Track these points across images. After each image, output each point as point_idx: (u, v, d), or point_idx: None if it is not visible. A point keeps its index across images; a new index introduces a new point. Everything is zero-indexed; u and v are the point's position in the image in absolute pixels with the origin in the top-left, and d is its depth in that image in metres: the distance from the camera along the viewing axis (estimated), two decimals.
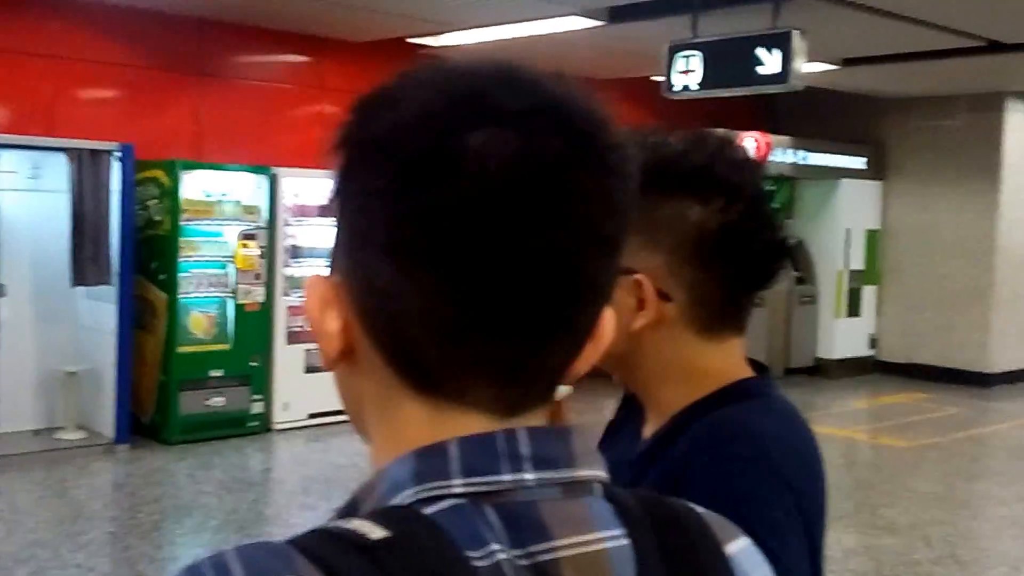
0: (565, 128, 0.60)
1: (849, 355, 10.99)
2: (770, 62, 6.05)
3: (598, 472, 0.62)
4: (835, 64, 8.68)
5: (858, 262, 11.10)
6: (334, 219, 0.63)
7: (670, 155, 1.05)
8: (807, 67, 6.71)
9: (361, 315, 0.61)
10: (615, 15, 7.10)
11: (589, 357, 0.63)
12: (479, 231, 0.57)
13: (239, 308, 7.22)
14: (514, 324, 0.59)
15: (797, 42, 5.99)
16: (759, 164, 1.10)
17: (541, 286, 0.59)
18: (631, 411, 1.16)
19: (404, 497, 0.58)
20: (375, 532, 0.55)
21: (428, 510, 0.57)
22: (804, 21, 6.15)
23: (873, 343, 11.22)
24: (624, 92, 10.21)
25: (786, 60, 6.00)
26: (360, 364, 0.63)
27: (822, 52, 7.87)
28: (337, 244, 0.63)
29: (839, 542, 5.22)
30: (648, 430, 1.10)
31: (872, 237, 11.20)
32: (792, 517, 0.96)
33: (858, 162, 11.10)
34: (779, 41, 6.01)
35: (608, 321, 0.64)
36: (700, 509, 0.69)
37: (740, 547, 0.69)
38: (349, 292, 0.62)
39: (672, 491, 0.92)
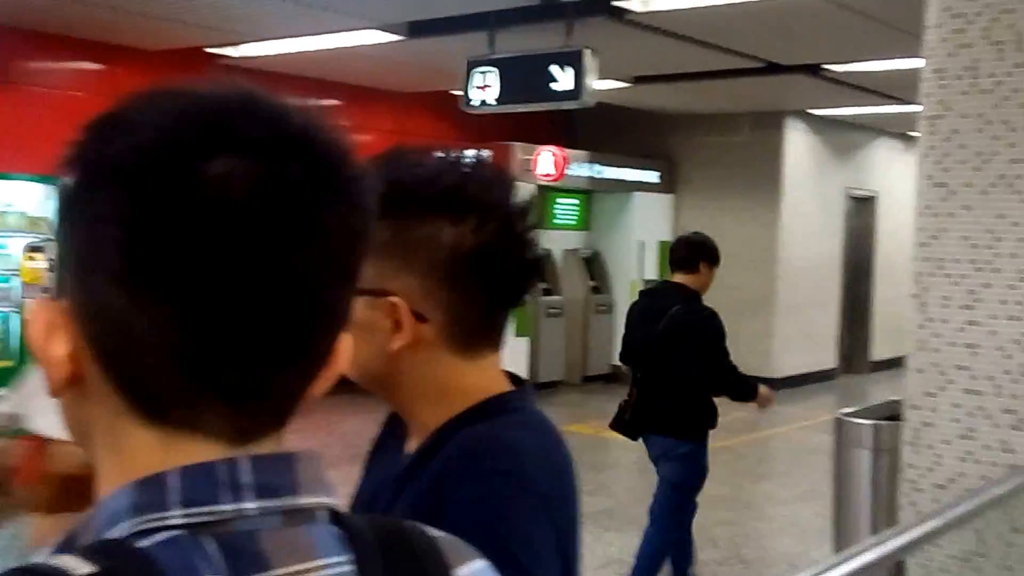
0: (306, 157, 0.59)
1: None
2: (563, 79, 6.28)
3: (323, 499, 0.62)
4: (627, 82, 9.07)
5: (652, 272, 11.61)
6: (60, 241, 0.62)
7: (422, 176, 1.05)
8: (599, 84, 7.00)
9: (90, 341, 0.60)
10: (414, 30, 7.17)
11: (325, 381, 0.64)
12: (217, 260, 0.57)
13: (24, 323, 6.84)
14: (251, 352, 0.59)
15: (588, 60, 6.25)
16: (512, 182, 1.11)
17: (279, 314, 0.59)
18: (396, 428, 1.17)
19: (120, 530, 0.57)
20: (81, 568, 0.54)
21: (143, 543, 0.56)
22: (595, 40, 6.42)
23: None
24: (427, 106, 10.37)
25: (578, 77, 6.24)
26: (88, 391, 0.61)
27: (614, 70, 8.22)
28: (64, 267, 0.61)
29: (629, 545, 5.46)
30: (410, 447, 1.11)
31: (665, 248, 11.68)
32: (544, 529, 1.00)
33: (651, 176, 11.61)
34: (571, 59, 6.25)
35: (345, 345, 0.64)
36: (435, 532, 0.70)
37: (473, 570, 0.69)
38: (77, 317, 0.60)
39: (430, 507, 0.96)
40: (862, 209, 12.17)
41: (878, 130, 11.96)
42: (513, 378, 1.15)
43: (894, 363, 10.78)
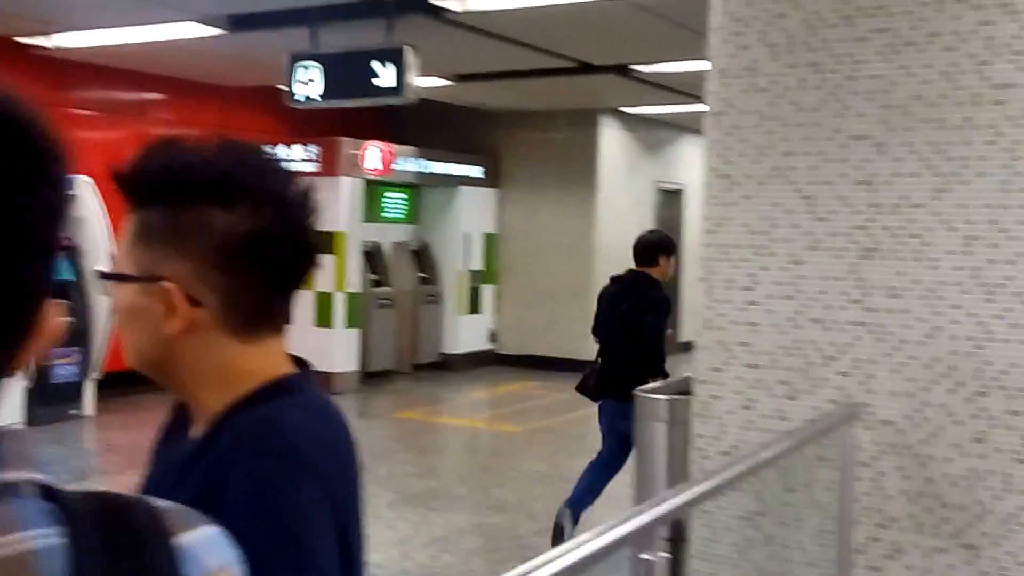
0: (6, 137, 0.62)
1: (472, 349, 11.70)
2: (385, 76, 6.36)
3: (28, 474, 0.63)
4: (449, 79, 9.22)
5: (478, 263, 11.84)
6: None
7: (193, 163, 1.07)
8: (422, 81, 7.11)
9: None
10: (235, 24, 7.07)
11: (28, 355, 0.66)
12: None
13: None
14: None
15: (410, 57, 6.35)
16: (286, 169, 1.13)
17: None
18: (183, 415, 1.18)
19: None
20: None
21: None
22: (416, 38, 6.53)
23: (493, 338, 12.01)
24: (253, 100, 10.22)
25: (400, 74, 6.34)
26: None
27: (436, 68, 8.34)
28: None
29: (453, 523, 5.63)
30: (195, 433, 1.12)
31: (489, 240, 11.99)
32: (321, 507, 1.04)
33: (475, 171, 11.82)
34: (392, 56, 6.34)
35: (52, 315, 0.67)
36: (160, 503, 0.71)
37: (197, 536, 0.70)
38: None
39: (211, 490, 1.00)
40: (670, 201, 12.78)
41: (683, 127, 12.58)
42: (297, 361, 1.17)
43: None
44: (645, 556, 1.96)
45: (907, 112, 2.98)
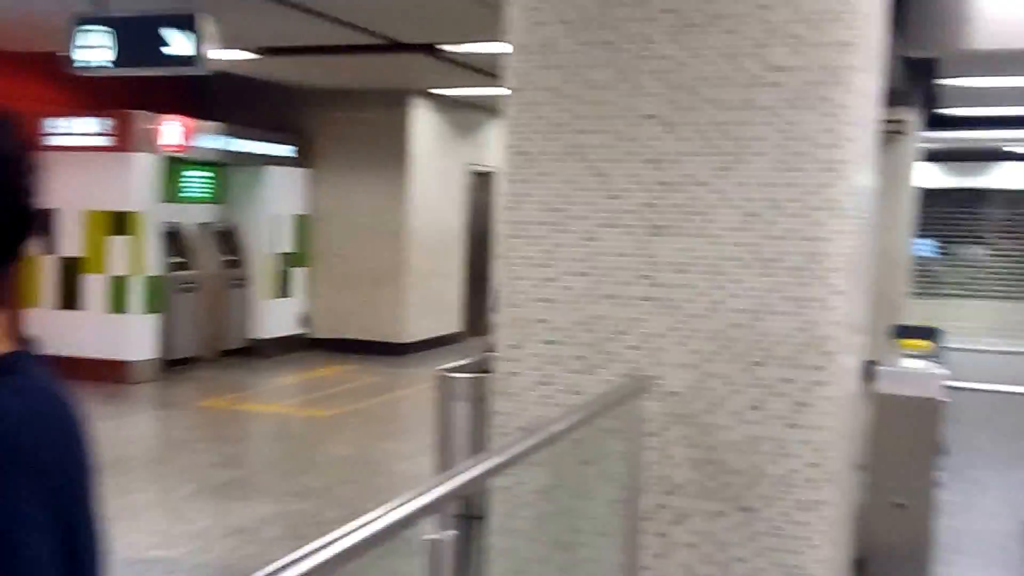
0: None
1: (282, 334, 11.42)
2: (179, 44, 6.06)
3: None
4: (254, 52, 8.91)
5: (288, 246, 11.55)
6: None
7: None
8: (223, 53, 6.82)
9: None
10: None
11: None
12: None
13: None
14: None
15: (204, 26, 6.07)
16: (10, 129, 1.04)
17: None
18: None
19: None
20: None
21: None
22: (212, 6, 6.25)
23: (305, 321, 11.76)
24: (36, 67, 9.54)
25: (195, 43, 6.05)
26: None
27: (240, 39, 8.04)
28: None
29: (255, 513, 5.47)
30: None
31: (301, 222, 11.72)
32: (28, 490, 0.96)
33: (285, 150, 11.52)
34: (186, 23, 6.04)
35: None
36: None
37: None
38: None
39: None
40: (482, 183, 12.87)
41: (494, 110, 12.70)
42: (25, 341, 1.07)
43: None
44: (430, 536, 1.94)
45: (693, 92, 3.07)
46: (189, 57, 6.09)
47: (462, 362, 3.97)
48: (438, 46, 8.50)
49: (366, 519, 1.77)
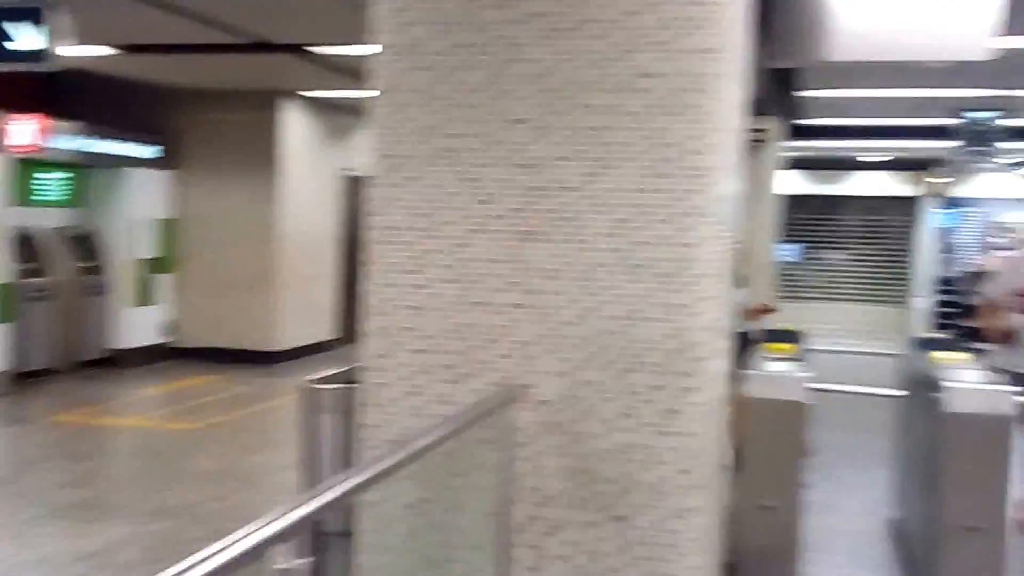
0: None
1: (145, 343, 10.97)
2: (25, 38, 5.72)
3: None
4: (115, 48, 8.53)
5: (152, 251, 11.11)
6: None
7: None
8: (78, 49, 6.49)
9: None
10: None
11: None
12: None
13: None
14: None
15: (53, 19, 5.75)
16: None
17: None
18: None
19: None
20: None
21: None
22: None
23: (171, 330, 11.33)
24: None
25: (42, 38, 5.72)
26: None
27: (96, 34, 7.68)
28: None
29: (110, 535, 5.19)
30: None
31: (166, 226, 11.29)
32: None
33: (150, 151, 11.08)
34: (32, 16, 5.71)
35: None
36: None
37: None
38: None
39: None
40: (356, 188, 12.66)
41: (367, 113, 12.51)
42: None
43: None
44: (281, 566, 1.82)
45: (563, 97, 3.03)
46: (36, 52, 5.76)
47: (329, 372, 3.83)
48: (308, 47, 8.30)
49: (225, 542, 1.66)
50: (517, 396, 3.06)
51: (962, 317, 13.95)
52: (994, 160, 9.53)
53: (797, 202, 14.63)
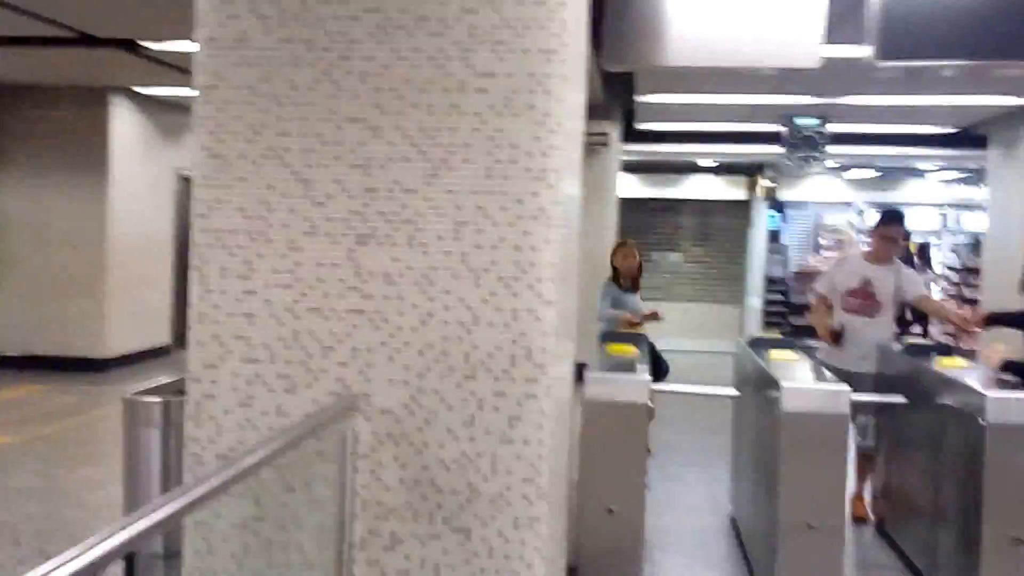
0: None
1: None
2: None
3: None
4: None
5: None
6: None
7: None
8: None
9: None
10: None
11: None
12: None
13: None
14: None
15: None
16: None
17: None
18: None
19: None
20: None
21: None
22: None
23: None
24: None
25: None
26: None
27: None
28: None
29: None
30: None
31: None
32: None
33: None
34: None
35: None
36: None
37: None
38: None
39: None
40: (191, 189, 12.18)
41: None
42: None
43: None
44: None
45: (399, 96, 2.93)
46: None
47: (155, 383, 3.61)
48: (138, 42, 7.89)
49: (48, 567, 1.52)
50: (356, 406, 2.94)
51: (790, 316, 14.57)
52: (820, 164, 9.96)
53: (634, 205, 14.96)
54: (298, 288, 3.01)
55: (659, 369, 6.32)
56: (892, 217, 5.98)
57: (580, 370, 4.01)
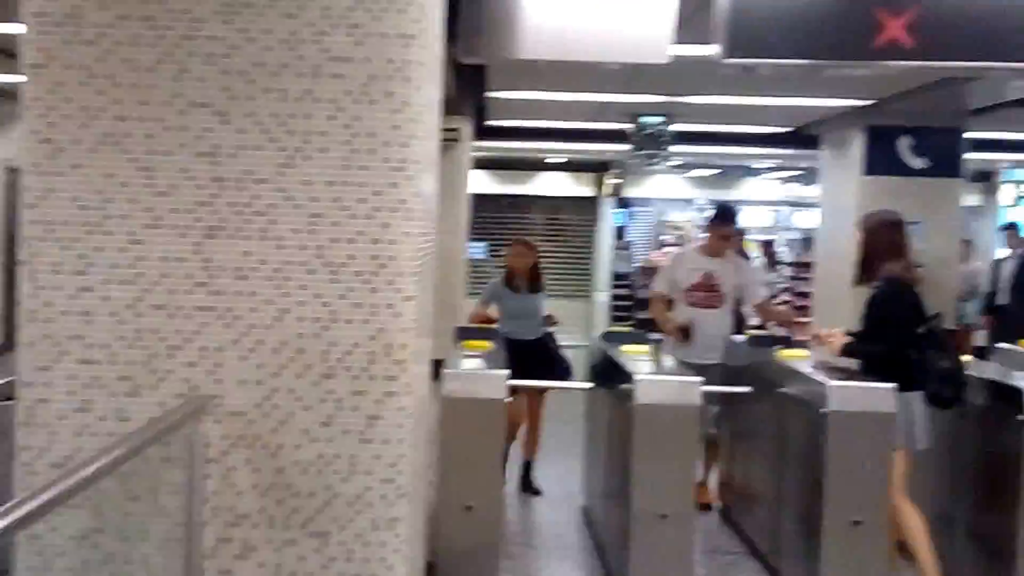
0: None
1: None
2: None
3: None
4: None
5: None
6: None
7: None
8: None
9: None
10: None
11: None
12: None
13: None
14: None
15: None
16: None
17: None
18: None
19: None
20: None
21: None
22: None
23: None
24: None
25: None
26: None
27: None
28: None
29: None
30: None
31: None
32: None
33: None
34: None
35: None
36: None
37: None
38: None
39: None
40: (20, 181, 11.46)
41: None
42: None
43: None
44: None
45: (249, 80, 2.78)
46: None
47: None
48: None
49: None
50: (205, 408, 2.78)
51: (636, 310, 14.92)
52: (664, 163, 10.20)
53: (484, 201, 14.98)
54: (140, 284, 2.83)
55: (558, 368, 6.18)
56: (724, 213, 6.15)
57: (437, 367, 3.94)
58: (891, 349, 4.23)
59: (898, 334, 4.24)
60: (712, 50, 4.19)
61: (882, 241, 4.42)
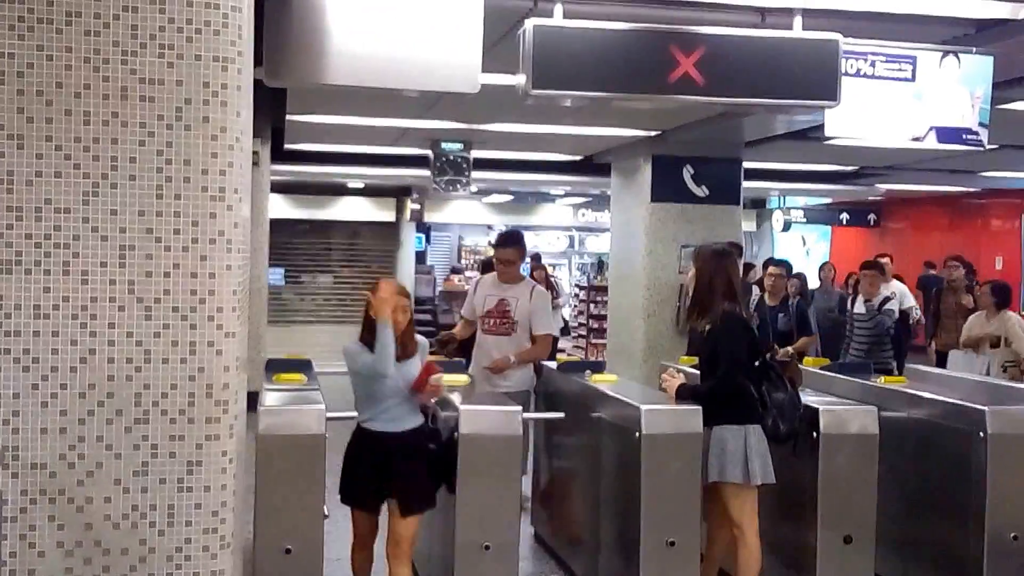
0: None
1: None
2: None
3: None
4: None
5: None
6: None
7: None
8: None
9: None
10: None
11: None
12: None
13: None
14: None
15: None
16: None
17: None
18: None
19: None
20: None
21: None
22: None
23: None
24: None
25: None
26: None
27: None
28: None
29: None
30: None
31: None
32: None
33: None
34: None
35: None
36: None
37: None
38: None
39: None
40: None
41: None
42: None
43: None
44: None
45: (48, 101, 2.56)
46: None
47: None
48: None
49: None
50: (1, 461, 2.51)
51: (440, 334, 14.92)
52: (464, 188, 10.27)
53: (283, 226, 14.61)
54: None
55: None
56: (506, 239, 6.14)
57: (251, 401, 3.76)
58: (725, 384, 4.25)
59: (735, 369, 4.27)
60: (518, 80, 4.24)
61: (716, 275, 4.42)
